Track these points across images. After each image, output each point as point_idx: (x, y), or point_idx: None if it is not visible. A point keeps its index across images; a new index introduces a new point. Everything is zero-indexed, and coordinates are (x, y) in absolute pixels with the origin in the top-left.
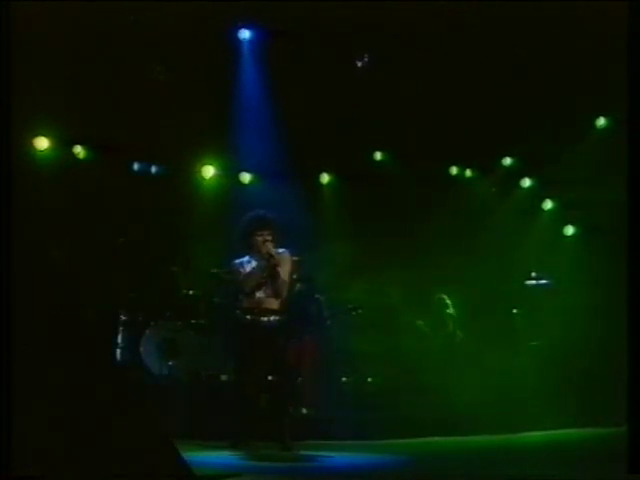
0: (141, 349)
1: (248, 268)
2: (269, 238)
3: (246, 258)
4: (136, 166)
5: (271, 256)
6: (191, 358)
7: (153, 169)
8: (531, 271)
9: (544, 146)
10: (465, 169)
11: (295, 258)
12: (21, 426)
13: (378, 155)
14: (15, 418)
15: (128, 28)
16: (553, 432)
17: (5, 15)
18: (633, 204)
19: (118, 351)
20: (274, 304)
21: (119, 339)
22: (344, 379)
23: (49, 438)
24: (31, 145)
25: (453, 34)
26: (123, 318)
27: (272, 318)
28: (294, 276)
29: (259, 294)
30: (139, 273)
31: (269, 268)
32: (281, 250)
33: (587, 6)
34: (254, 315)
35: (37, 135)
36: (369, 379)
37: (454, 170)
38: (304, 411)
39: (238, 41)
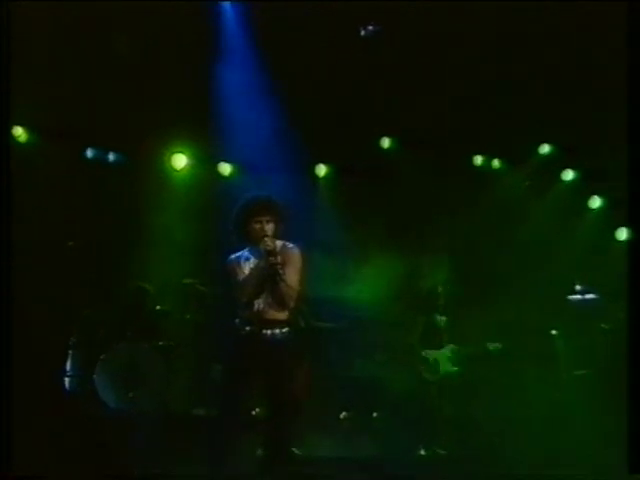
0: (95, 377)
1: (247, 268)
2: (270, 227)
3: (244, 253)
4: (90, 153)
5: (271, 253)
6: (158, 388)
7: (111, 157)
8: (575, 283)
9: (590, 130)
10: (492, 159)
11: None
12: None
13: (386, 142)
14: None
15: None
16: None
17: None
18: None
19: (67, 380)
20: (279, 314)
21: (68, 365)
22: (343, 414)
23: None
24: None
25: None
26: (74, 339)
27: (276, 331)
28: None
29: (258, 303)
30: (94, 284)
31: (269, 269)
32: (289, 245)
33: None
34: (253, 327)
35: None
36: (374, 414)
37: (478, 160)
38: (296, 452)
39: (219, 6)
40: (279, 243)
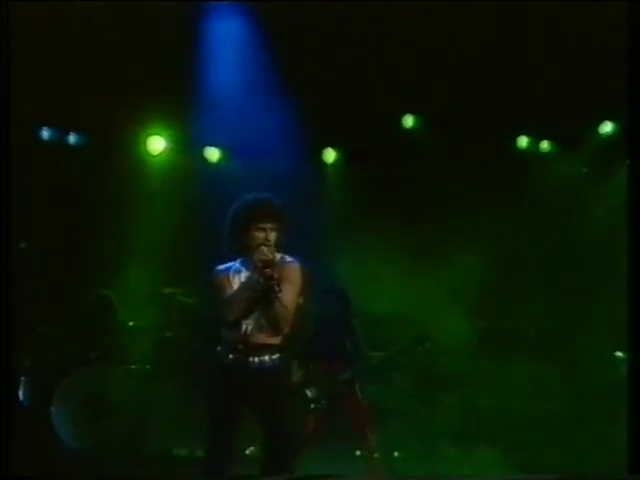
0: (53, 409)
1: (236, 282)
2: (273, 235)
3: (235, 265)
4: (46, 134)
5: (268, 264)
6: (129, 422)
7: (72, 139)
8: None
9: None
10: (540, 140)
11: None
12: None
13: (409, 121)
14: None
15: None
16: None
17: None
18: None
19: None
20: (270, 339)
21: (20, 394)
22: (358, 453)
23: None
24: None
25: None
26: (27, 364)
27: (266, 358)
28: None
29: (247, 324)
30: (51, 295)
31: (264, 283)
32: (288, 259)
33: None
34: (239, 354)
35: None
36: (396, 453)
37: (524, 142)
38: None
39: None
40: (277, 256)
